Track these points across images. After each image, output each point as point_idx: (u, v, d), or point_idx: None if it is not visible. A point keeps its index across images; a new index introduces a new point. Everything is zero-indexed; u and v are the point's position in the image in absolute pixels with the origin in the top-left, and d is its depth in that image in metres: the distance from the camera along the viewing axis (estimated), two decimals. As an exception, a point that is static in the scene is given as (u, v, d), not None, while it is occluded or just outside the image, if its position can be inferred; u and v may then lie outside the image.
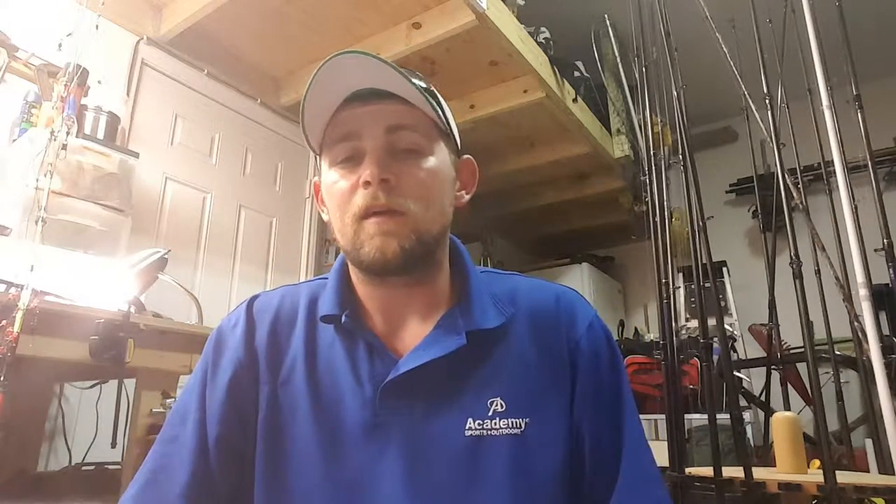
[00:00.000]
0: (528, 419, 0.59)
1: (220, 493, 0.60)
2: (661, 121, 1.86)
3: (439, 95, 0.66)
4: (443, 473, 0.57)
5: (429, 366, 0.59)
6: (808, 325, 1.30)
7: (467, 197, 0.69)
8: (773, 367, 2.33)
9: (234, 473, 0.61)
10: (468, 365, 0.61)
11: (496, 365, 0.61)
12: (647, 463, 0.63)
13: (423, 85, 0.64)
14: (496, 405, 0.59)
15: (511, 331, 0.63)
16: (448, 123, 0.65)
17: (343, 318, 0.62)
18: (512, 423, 0.59)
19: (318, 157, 0.66)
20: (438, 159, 0.62)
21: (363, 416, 0.59)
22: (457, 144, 0.68)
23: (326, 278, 0.68)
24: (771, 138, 1.52)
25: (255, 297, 0.69)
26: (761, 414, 2.50)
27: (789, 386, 2.26)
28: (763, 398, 2.41)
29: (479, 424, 0.58)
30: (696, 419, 2.34)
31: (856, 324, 1.41)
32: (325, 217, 0.67)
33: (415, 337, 0.63)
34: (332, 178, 0.62)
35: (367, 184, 0.58)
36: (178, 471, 0.59)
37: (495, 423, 0.58)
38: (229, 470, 0.61)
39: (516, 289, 0.68)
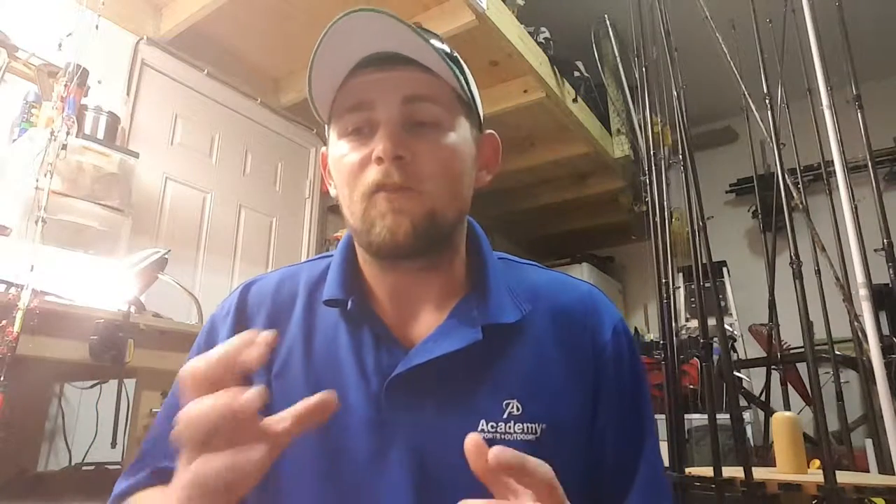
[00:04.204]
0: (544, 425, 0.55)
1: None
2: (661, 121, 1.86)
3: (462, 62, 0.60)
4: (451, 478, 0.51)
5: (441, 360, 0.54)
6: (808, 325, 1.30)
7: (488, 177, 0.63)
8: (773, 367, 2.33)
9: None
10: (483, 361, 0.56)
11: (512, 364, 0.57)
12: (661, 476, 0.61)
13: (446, 49, 0.58)
14: (512, 407, 0.54)
15: (529, 328, 0.59)
16: (471, 94, 0.60)
17: (349, 304, 0.57)
18: (527, 427, 0.54)
19: (326, 126, 0.61)
20: (459, 135, 0.57)
21: (367, 412, 0.54)
22: (479, 118, 0.62)
23: (331, 256, 0.64)
24: (771, 138, 1.52)
25: (250, 284, 0.64)
26: (761, 414, 2.51)
27: (789, 386, 2.26)
28: (763, 398, 2.41)
29: (492, 427, 0.54)
30: (696, 419, 2.34)
31: (856, 324, 1.41)
32: (332, 192, 0.62)
33: (426, 326, 0.58)
34: (341, 151, 0.57)
35: (379, 160, 0.53)
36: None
37: (510, 427, 0.54)
38: None
39: (536, 282, 0.63)
